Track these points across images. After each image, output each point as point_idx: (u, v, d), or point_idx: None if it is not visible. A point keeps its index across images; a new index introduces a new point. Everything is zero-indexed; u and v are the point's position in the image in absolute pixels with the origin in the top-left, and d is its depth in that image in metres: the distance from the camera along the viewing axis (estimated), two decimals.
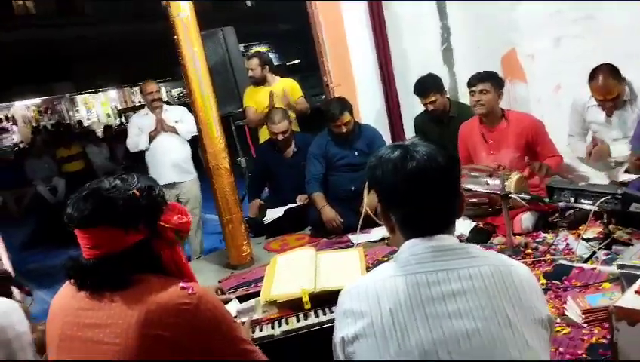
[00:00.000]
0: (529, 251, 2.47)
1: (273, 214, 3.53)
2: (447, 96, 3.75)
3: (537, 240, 2.59)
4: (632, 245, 2.14)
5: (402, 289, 1.05)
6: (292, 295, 2.02)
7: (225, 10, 7.29)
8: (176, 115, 4.25)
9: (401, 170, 1.11)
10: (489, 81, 3.02)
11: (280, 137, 3.55)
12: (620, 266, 1.78)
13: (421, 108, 3.68)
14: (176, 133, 4.16)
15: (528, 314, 1.05)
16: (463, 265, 1.07)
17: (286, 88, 4.07)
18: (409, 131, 4.00)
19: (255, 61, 4.08)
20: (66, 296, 1.30)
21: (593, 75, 2.86)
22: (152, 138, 4.18)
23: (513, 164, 2.97)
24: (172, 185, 4.19)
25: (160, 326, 1.17)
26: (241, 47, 7.87)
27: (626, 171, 2.75)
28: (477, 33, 4.10)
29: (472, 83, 3.07)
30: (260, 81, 4.08)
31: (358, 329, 1.06)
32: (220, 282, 2.77)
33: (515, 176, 2.72)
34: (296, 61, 10.48)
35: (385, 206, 1.17)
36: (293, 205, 3.53)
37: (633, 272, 1.65)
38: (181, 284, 1.23)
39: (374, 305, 1.05)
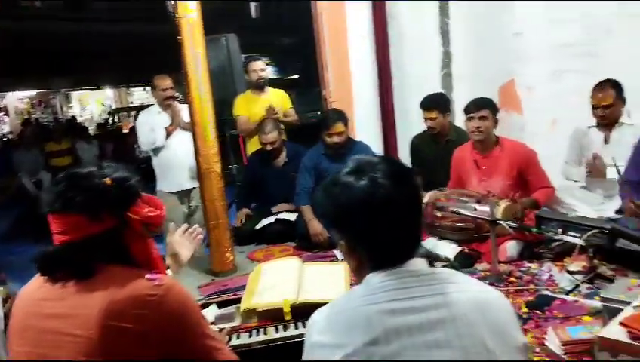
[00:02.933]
0: (512, 279, 2.46)
1: (265, 221, 3.52)
2: (449, 119, 3.78)
3: (521, 269, 2.58)
4: (614, 281, 2.14)
5: (377, 320, 0.99)
6: (273, 304, 1.99)
7: (228, 19, 7.32)
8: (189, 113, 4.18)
9: (371, 202, 1.04)
10: (488, 107, 3.05)
11: (269, 147, 3.56)
12: (604, 299, 1.78)
13: (417, 130, 3.71)
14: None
15: (506, 341, 1.02)
16: (440, 291, 1.03)
17: (277, 99, 4.06)
18: (402, 151, 4.02)
19: (262, 63, 4.10)
20: (32, 287, 1.29)
21: (596, 85, 3.07)
22: (168, 135, 3.89)
23: (503, 192, 2.98)
24: (186, 193, 4.01)
25: (123, 317, 1.14)
26: (242, 57, 7.92)
27: (618, 212, 2.79)
28: (478, 60, 4.16)
29: (470, 109, 3.09)
30: (262, 86, 4.08)
31: None
32: (199, 288, 2.73)
33: (503, 204, 2.73)
34: (295, 76, 10.53)
35: (350, 238, 1.10)
36: (284, 216, 3.51)
37: (616, 306, 1.65)
38: (148, 276, 1.21)
39: (347, 338, 0.99)
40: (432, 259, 2.62)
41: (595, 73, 3.28)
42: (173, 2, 2.85)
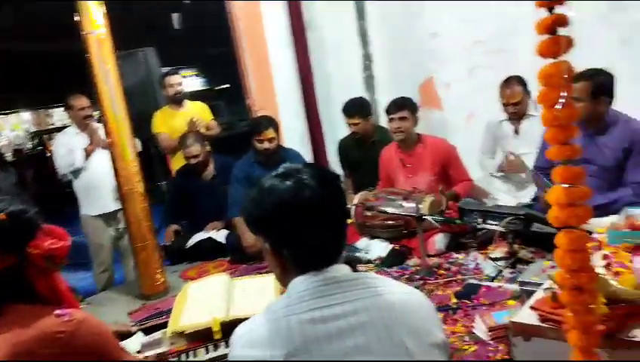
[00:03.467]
0: (442, 271, 2.52)
1: (195, 238, 3.42)
2: (372, 122, 3.85)
3: (450, 260, 2.65)
4: (534, 263, 2.24)
5: (298, 331, 0.99)
6: (202, 324, 1.93)
7: (148, 32, 7.10)
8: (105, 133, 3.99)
9: (297, 202, 1.05)
10: (406, 108, 3.14)
11: (193, 161, 3.48)
12: (521, 283, 1.86)
13: (343, 133, 3.75)
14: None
15: (425, 340, 1.04)
16: (360, 296, 1.04)
17: (198, 111, 3.98)
18: (331, 155, 4.06)
19: (179, 77, 3.98)
20: None
21: (503, 83, 3.21)
22: (87, 155, 3.74)
23: (429, 187, 3.08)
24: (112, 215, 3.84)
25: (33, 357, 1.09)
26: (167, 70, 7.70)
27: (535, 199, 2.93)
28: (398, 61, 4.27)
29: (390, 111, 3.17)
30: (181, 100, 3.97)
31: None
32: (129, 314, 2.61)
33: (428, 199, 2.81)
34: (226, 85, 10.37)
35: (275, 242, 1.10)
36: (213, 237, 3.43)
37: (532, 289, 1.72)
38: (56, 312, 1.15)
39: (269, 350, 0.98)
40: (355, 263, 2.63)
41: (506, 68, 3.45)
42: (78, 19, 2.71)
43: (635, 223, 1.73)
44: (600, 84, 2.46)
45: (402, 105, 3.14)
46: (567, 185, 1.01)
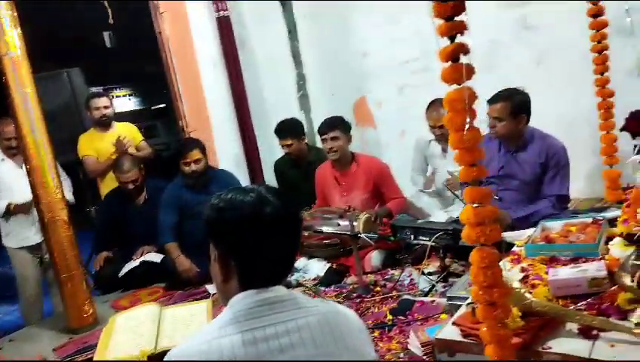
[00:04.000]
0: (378, 289, 2.55)
1: (128, 266, 3.28)
2: (306, 141, 3.87)
3: (386, 277, 2.69)
4: (463, 276, 2.31)
5: (229, 353, 0.98)
6: (128, 358, 1.85)
7: (78, 51, 6.83)
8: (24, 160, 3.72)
9: (258, 215, 1.05)
10: (338, 127, 3.17)
11: (130, 186, 3.35)
12: (449, 298, 1.91)
13: (280, 153, 3.74)
14: None
15: (357, 358, 1.06)
16: (292, 317, 1.04)
17: (127, 133, 3.83)
18: (268, 175, 4.03)
19: (106, 99, 3.82)
20: None
21: (428, 106, 3.24)
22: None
23: (363, 205, 3.12)
24: (37, 246, 3.59)
25: None
26: (101, 89, 7.42)
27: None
28: (331, 81, 4.34)
29: (322, 131, 3.20)
30: (109, 123, 3.82)
31: None
32: (54, 350, 2.46)
33: (363, 217, 2.85)
34: (162, 105, 10.11)
35: (226, 251, 1.09)
36: (149, 258, 3.31)
37: (459, 303, 1.77)
38: None
39: None
40: (287, 286, 2.62)
41: (432, 87, 3.57)
42: None
43: (550, 236, 1.83)
44: (518, 103, 2.60)
45: (333, 125, 3.18)
46: (476, 205, 1.05)
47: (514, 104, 2.59)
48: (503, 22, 3.44)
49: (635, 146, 1.58)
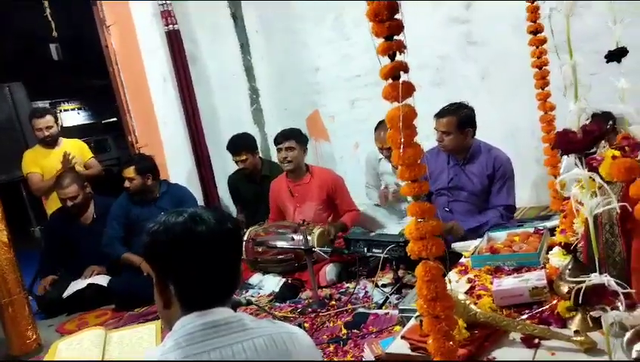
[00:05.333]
0: (333, 302, 2.55)
1: (74, 286, 3.15)
2: (260, 155, 3.85)
3: (341, 290, 2.69)
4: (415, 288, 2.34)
5: None
6: None
7: (22, 65, 6.59)
8: None
9: (191, 235, 1.03)
10: (294, 138, 3.20)
11: (69, 203, 3.24)
12: (401, 310, 1.92)
13: (234, 167, 3.71)
14: None
15: None
16: (238, 340, 1.02)
17: (74, 150, 3.71)
18: (222, 190, 3.98)
19: (51, 117, 3.67)
20: None
21: (376, 127, 3.24)
22: None
23: (317, 216, 3.14)
24: None
25: None
26: (47, 103, 7.15)
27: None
28: (284, 95, 4.35)
29: (278, 140, 3.22)
30: (54, 141, 3.67)
31: None
32: None
33: (317, 231, 2.85)
34: (113, 119, 9.83)
35: (164, 276, 1.06)
36: (96, 281, 3.18)
37: (410, 315, 1.78)
38: None
39: None
40: (236, 306, 2.58)
41: (382, 100, 3.64)
42: None
43: (495, 246, 1.87)
44: (464, 117, 2.68)
45: (289, 136, 3.21)
46: (419, 220, 1.07)
47: (460, 118, 2.67)
48: (450, 38, 3.55)
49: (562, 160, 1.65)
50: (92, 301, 3.11)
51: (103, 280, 3.16)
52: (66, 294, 3.11)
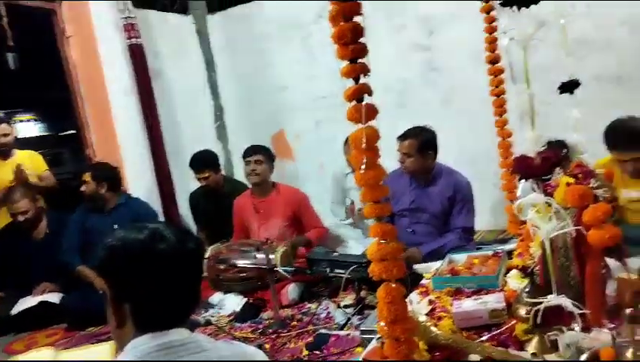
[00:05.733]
0: (295, 323, 2.52)
1: (24, 303, 3.01)
2: (222, 173, 3.81)
3: (303, 310, 2.67)
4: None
5: None
6: None
7: None
8: None
9: (150, 252, 1.00)
10: (262, 152, 3.24)
11: (20, 218, 3.13)
12: (362, 332, 1.92)
13: (196, 184, 3.66)
14: None
15: None
16: (193, 361, 1.00)
17: (28, 162, 3.57)
18: (183, 206, 3.91)
19: (7, 126, 3.53)
20: None
21: (345, 141, 3.31)
22: None
23: (282, 234, 3.13)
24: None
25: None
26: (1, 113, 6.87)
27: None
28: (250, 113, 4.35)
29: (248, 153, 3.25)
30: (8, 151, 3.53)
31: None
32: None
33: (280, 249, 2.82)
34: (71, 132, 9.56)
35: (118, 294, 1.03)
36: (47, 298, 3.05)
37: (372, 336, 1.77)
38: None
39: None
40: (195, 326, 2.53)
41: (346, 121, 3.69)
42: None
43: (456, 268, 1.90)
44: (425, 140, 2.74)
45: (258, 149, 3.25)
46: (381, 241, 1.07)
47: (421, 141, 2.73)
48: (412, 63, 3.65)
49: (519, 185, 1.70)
50: (43, 319, 2.97)
51: (54, 297, 3.04)
52: (14, 311, 2.98)
